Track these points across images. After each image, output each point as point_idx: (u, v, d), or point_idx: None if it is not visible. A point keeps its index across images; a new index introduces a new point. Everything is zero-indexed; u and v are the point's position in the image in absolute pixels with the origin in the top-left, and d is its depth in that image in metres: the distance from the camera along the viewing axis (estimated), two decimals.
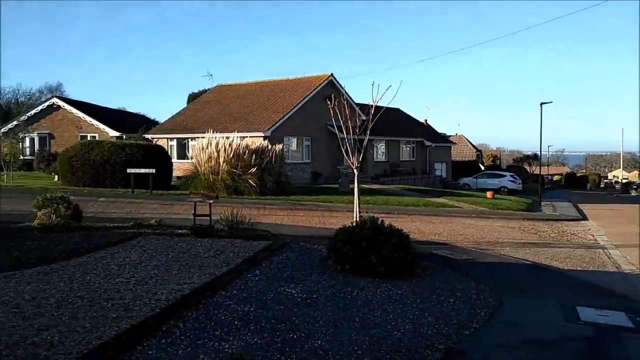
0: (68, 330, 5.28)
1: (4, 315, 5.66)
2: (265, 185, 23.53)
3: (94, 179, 23.95)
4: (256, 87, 37.86)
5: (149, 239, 10.81)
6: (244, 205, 19.00)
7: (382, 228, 8.81)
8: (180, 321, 5.82)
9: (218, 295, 6.93)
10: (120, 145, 25.10)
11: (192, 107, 39.28)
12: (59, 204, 12.17)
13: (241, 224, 11.85)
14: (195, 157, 25.01)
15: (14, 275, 7.48)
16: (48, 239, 10.39)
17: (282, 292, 7.31)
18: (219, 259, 9.01)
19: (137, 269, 8.13)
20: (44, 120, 40.16)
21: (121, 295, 6.64)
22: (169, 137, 34.16)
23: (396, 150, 41.75)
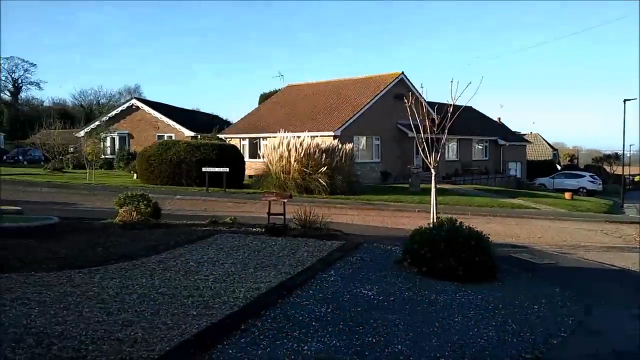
0: (150, 327, 5.40)
1: (89, 310, 5.86)
2: (335, 184, 23.55)
3: (171, 177, 24.75)
4: (326, 86, 37.96)
5: (225, 236, 10.99)
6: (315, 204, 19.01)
7: (461, 230, 8.55)
8: (259, 320, 5.84)
9: (294, 295, 6.93)
10: (196, 144, 25.79)
11: (264, 107, 39.89)
12: (140, 201, 12.61)
13: (314, 224, 11.85)
14: (266, 156, 25.37)
15: (98, 271, 7.76)
16: (129, 236, 10.76)
17: (358, 293, 7.22)
18: (294, 258, 9.03)
19: (215, 267, 8.27)
20: (123, 120, 41.87)
21: (200, 293, 6.76)
22: (241, 136, 34.83)
23: (468, 149, 40.76)
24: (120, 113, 42.34)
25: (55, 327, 5.20)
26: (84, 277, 7.34)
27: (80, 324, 5.37)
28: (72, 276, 7.38)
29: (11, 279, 7.07)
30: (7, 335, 4.89)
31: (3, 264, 7.87)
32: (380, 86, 33.73)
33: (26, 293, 6.38)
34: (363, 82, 35.87)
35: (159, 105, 43.39)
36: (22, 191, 21.95)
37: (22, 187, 22.78)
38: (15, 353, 4.49)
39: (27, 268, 7.77)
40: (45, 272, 7.59)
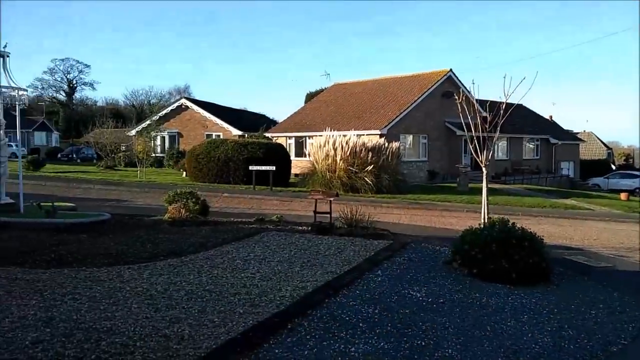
0: (197, 324, 5.40)
1: (138, 306, 5.91)
2: (382, 183, 23.32)
3: (219, 175, 25.04)
4: (372, 84, 37.71)
5: (271, 234, 10.99)
6: (360, 203, 18.87)
7: (514, 231, 8.26)
8: (305, 320, 5.76)
9: (341, 295, 6.82)
10: (243, 143, 26.02)
11: (310, 106, 39.93)
12: (188, 199, 12.75)
13: (360, 222, 11.73)
14: (312, 155, 25.36)
15: (147, 267, 7.86)
16: (178, 232, 10.89)
17: (406, 294, 7.05)
18: (340, 258, 8.93)
19: (261, 265, 8.25)
20: (173, 120, 42.70)
21: (247, 291, 6.73)
22: (287, 135, 34.96)
23: (518, 147, 39.74)
24: (170, 112, 43.20)
25: (104, 323, 5.25)
26: (133, 273, 7.43)
27: (128, 319, 5.42)
28: (122, 272, 7.48)
29: (63, 273, 7.22)
30: (57, 330, 4.96)
31: (56, 259, 8.06)
32: (427, 84, 33.26)
33: (77, 288, 6.50)
34: (410, 80, 35.45)
35: (208, 105, 44.07)
36: (77, 188, 22.62)
37: (76, 184, 23.46)
38: (65, 348, 4.55)
39: (79, 263, 7.94)
40: (96, 267, 7.73)
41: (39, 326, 5.03)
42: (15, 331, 4.86)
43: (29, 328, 4.96)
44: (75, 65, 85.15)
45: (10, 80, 11.09)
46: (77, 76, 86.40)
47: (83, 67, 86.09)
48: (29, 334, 4.81)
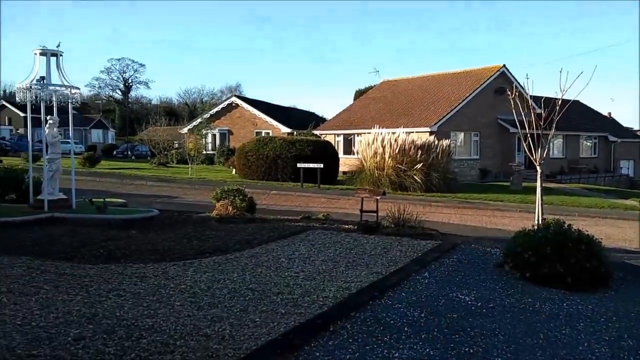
0: (239, 324, 5.32)
1: (181, 303, 5.88)
2: (431, 181, 22.91)
3: (267, 172, 25.18)
4: (422, 81, 37.14)
5: (317, 233, 10.88)
6: (409, 202, 18.56)
7: (570, 233, 7.84)
8: (348, 322, 5.59)
9: (386, 297, 6.62)
10: (291, 141, 26.07)
11: (358, 103, 39.70)
12: (235, 196, 12.80)
13: (408, 222, 11.47)
14: (360, 152, 25.17)
15: (192, 264, 7.87)
16: (224, 229, 10.91)
17: (454, 298, 6.78)
18: (386, 258, 8.72)
19: (305, 264, 8.14)
20: (224, 117, 43.27)
21: (290, 290, 6.62)
22: (335, 133, 34.85)
23: (575, 145, 38.37)
24: (221, 110, 43.80)
25: (146, 320, 5.24)
26: (178, 270, 7.45)
27: (170, 317, 5.39)
28: (167, 269, 7.51)
29: (110, 269, 7.30)
30: (100, 327, 4.97)
31: (104, 255, 8.18)
32: (479, 80, 32.50)
33: (122, 284, 6.54)
34: (461, 76, 34.72)
35: (257, 103, 44.45)
36: (130, 184, 23.20)
37: (130, 181, 24.07)
38: (106, 345, 4.54)
39: (127, 259, 8.03)
40: (143, 263, 7.79)
41: (82, 322, 5.06)
42: (59, 327, 4.89)
43: (72, 324, 4.99)
44: (131, 64, 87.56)
45: (64, 79, 11.36)
46: (133, 75, 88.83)
47: (138, 67, 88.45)
48: (71, 330, 4.84)
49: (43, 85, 11.11)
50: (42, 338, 4.61)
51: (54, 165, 11.44)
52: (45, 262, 7.45)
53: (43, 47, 11.19)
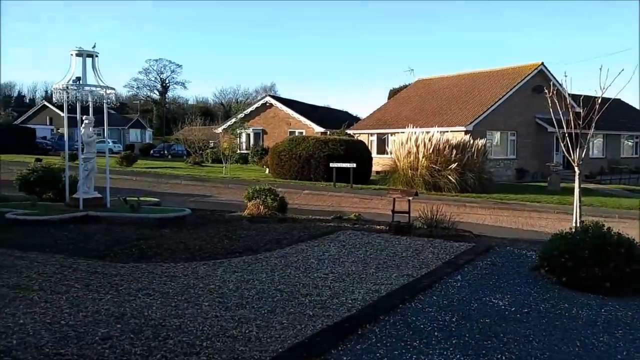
0: (266, 325, 5.26)
1: (209, 304, 5.86)
2: (466, 181, 22.53)
3: (300, 172, 25.18)
4: (457, 79, 36.61)
5: (347, 233, 10.77)
6: (443, 202, 18.28)
7: (609, 236, 7.55)
8: (377, 326, 5.48)
9: (417, 300, 6.48)
10: (324, 140, 26.02)
11: (392, 102, 39.41)
12: (267, 195, 12.79)
13: (441, 223, 11.26)
14: (394, 152, 24.93)
15: (222, 263, 7.86)
16: (255, 229, 10.91)
17: (487, 302, 6.59)
18: (418, 260, 8.56)
19: (335, 265, 8.05)
20: (258, 117, 43.50)
21: (319, 292, 6.54)
22: (369, 132, 34.65)
23: (616, 145, 37.27)
24: (255, 110, 44.04)
25: (173, 320, 5.23)
26: (208, 270, 7.45)
27: (198, 317, 5.37)
28: (197, 268, 7.52)
29: (140, 268, 7.35)
30: (127, 326, 4.98)
31: (136, 254, 8.25)
32: (516, 78, 31.85)
33: (152, 283, 6.57)
34: (497, 74, 34.10)
35: (291, 102, 44.56)
36: (165, 183, 23.49)
37: (165, 180, 24.38)
38: (133, 345, 4.54)
39: (158, 258, 8.08)
40: (173, 262, 7.83)
41: (110, 322, 5.08)
42: (87, 326, 4.92)
43: (100, 323, 5.02)
44: (168, 65, 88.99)
45: (99, 79, 11.53)
46: (170, 76, 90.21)
47: (175, 67, 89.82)
48: (99, 329, 4.86)
49: (79, 85, 11.30)
50: (70, 337, 4.64)
51: (89, 164, 11.63)
52: (78, 260, 7.55)
53: (79, 48, 11.38)
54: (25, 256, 7.55)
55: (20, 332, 4.65)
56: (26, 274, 6.58)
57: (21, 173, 13.39)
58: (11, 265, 6.98)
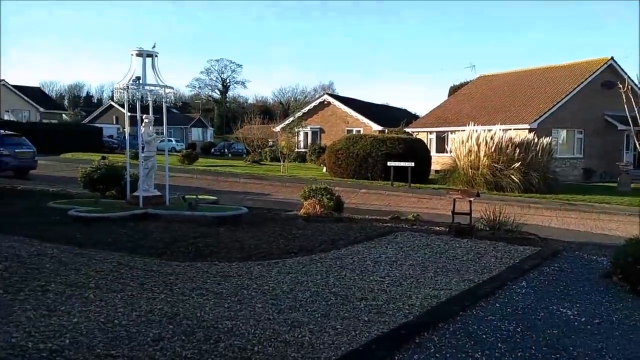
0: (319, 330, 5.09)
1: (262, 306, 5.74)
2: (530, 181, 21.69)
3: (357, 171, 24.95)
4: (521, 75, 35.40)
5: (405, 234, 10.48)
6: (505, 203, 17.65)
7: None
8: (435, 334, 5.21)
9: (478, 307, 6.15)
10: (382, 138, 25.68)
11: (453, 99, 38.55)
12: (323, 195, 12.65)
13: (504, 225, 10.80)
14: (454, 150, 24.33)
15: (276, 264, 7.76)
16: (311, 229, 10.78)
17: (555, 311, 6.18)
18: (479, 264, 8.18)
19: (392, 268, 7.80)
20: (316, 115, 43.54)
21: (374, 296, 6.32)
22: (428, 130, 34.01)
23: None
24: (313, 108, 44.10)
25: (225, 322, 5.14)
26: (262, 270, 7.36)
27: (250, 320, 5.26)
28: (252, 268, 7.44)
29: (195, 267, 7.34)
30: (180, 327, 4.92)
31: (192, 252, 8.26)
32: (584, 73, 30.45)
33: (206, 283, 6.53)
34: (563, 70, 32.72)
35: (349, 101, 44.35)
36: (224, 181, 23.76)
37: (224, 178, 24.65)
38: (183, 348, 4.46)
39: (213, 257, 8.06)
40: (228, 262, 7.78)
41: (163, 322, 5.03)
42: (139, 326, 4.89)
43: (153, 324, 4.98)
44: (229, 65, 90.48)
45: (159, 79, 11.68)
46: (230, 75, 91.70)
47: (235, 67, 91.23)
48: (152, 330, 4.82)
49: (139, 85, 11.48)
50: (122, 337, 4.61)
51: (149, 162, 11.81)
52: (135, 258, 7.62)
53: (139, 48, 11.56)
54: (84, 253, 7.67)
55: (73, 331, 4.66)
56: (84, 271, 6.66)
57: (85, 171, 13.77)
58: (70, 262, 7.10)
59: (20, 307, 5.23)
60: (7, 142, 19.68)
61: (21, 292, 5.70)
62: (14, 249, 7.57)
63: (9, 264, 6.76)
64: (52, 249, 7.75)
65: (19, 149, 19.93)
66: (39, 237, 8.59)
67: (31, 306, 5.27)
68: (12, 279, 6.16)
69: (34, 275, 6.33)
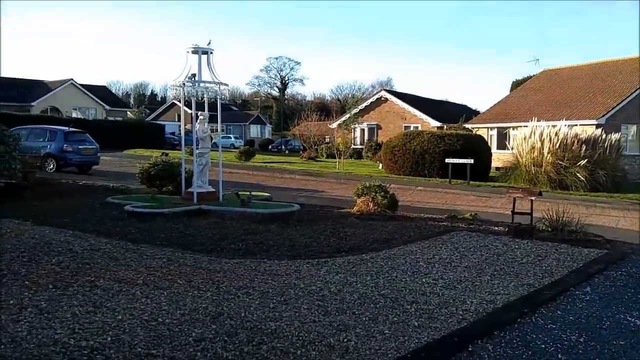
0: (366, 334, 4.88)
1: (308, 307, 5.57)
2: (597, 180, 20.67)
3: (414, 168, 24.50)
4: (588, 69, 33.84)
5: (461, 234, 10.09)
6: (570, 202, 16.87)
7: None
8: (490, 342, 4.90)
9: (537, 314, 5.77)
10: (440, 135, 25.09)
11: (515, 94, 37.30)
12: (377, 192, 12.38)
13: (567, 226, 10.24)
14: (516, 147, 23.48)
15: (326, 263, 7.58)
16: (364, 227, 10.56)
17: (622, 320, 5.73)
18: (540, 268, 7.74)
19: (446, 270, 7.48)
20: (372, 112, 43.18)
21: (426, 300, 6.04)
22: (489, 126, 33.04)
23: None
24: (370, 105, 43.74)
25: (269, 324, 5.00)
26: (311, 269, 7.20)
27: (295, 322, 5.10)
28: (300, 267, 7.30)
29: (244, 264, 7.26)
30: (223, 327, 4.82)
31: (242, 249, 8.21)
32: None
33: (253, 282, 6.42)
34: (634, 63, 31.02)
35: (406, 96, 43.74)
36: (279, 178, 23.82)
37: (279, 174, 24.71)
38: (225, 349, 4.35)
39: (263, 254, 7.98)
40: (277, 260, 7.67)
41: (206, 322, 4.95)
42: (182, 325, 4.82)
43: (196, 323, 4.90)
44: (287, 62, 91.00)
45: (214, 76, 11.72)
46: (289, 73, 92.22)
47: (294, 64, 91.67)
48: (194, 329, 4.73)
49: (194, 82, 11.56)
50: (164, 336, 4.55)
51: (203, 159, 11.88)
52: (186, 254, 7.62)
53: (195, 45, 11.63)
54: (136, 248, 7.74)
55: (116, 329, 4.63)
56: (134, 267, 6.69)
57: (142, 167, 14.01)
58: (121, 257, 7.16)
59: (67, 302, 5.27)
60: (70, 139, 20.35)
61: (70, 287, 5.76)
62: (69, 243, 7.71)
63: (62, 258, 6.88)
64: (105, 244, 7.86)
65: (82, 146, 20.57)
66: (95, 232, 8.75)
67: (78, 302, 5.30)
68: (64, 273, 6.25)
69: (84, 271, 6.41)
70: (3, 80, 51.27)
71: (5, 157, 11.96)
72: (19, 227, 8.67)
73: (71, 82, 52.92)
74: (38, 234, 8.11)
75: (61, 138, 20.13)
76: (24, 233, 8.12)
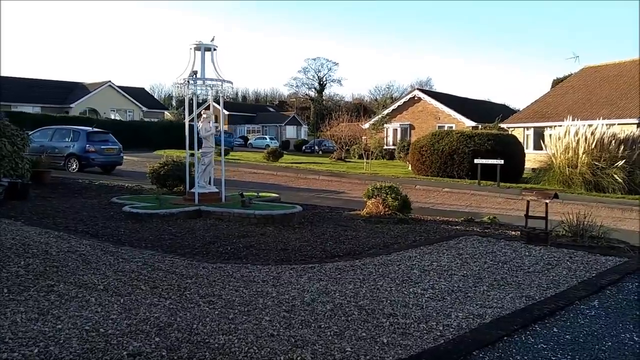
0: (323, 352, 4.36)
1: (270, 319, 5.08)
2: (635, 182, 19.48)
3: (442, 168, 23.77)
4: (631, 65, 32.21)
5: (471, 239, 9.42)
6: (604, 205, 15.94)
7: None
8: None
9: (529, 331, 5.12)
10: (469, 134, 24.26)
11: (553, 93, 35.89)
12: (388, 194, 11.81)
13: (589, 231, 9.45)
14: (549, 147, 22.44)
15: (312, 269, 7.08)
16: (369, 230, 10.05)
17: (626, 341, 5.01)
18: (546, 277, 7.05)
19: (440, 278, 6.87)
20: (405, 112, 42.38)
21: (406, 312, 5.47)
22: (525, 126, 31.88)
23: None
24: (403, 104, 42.96)
25: (219, 337, 4.54)
26: (292, 276, 6.71)
27: (249, 335, 4.63)
28: (282, 273, 6.82)
29: (223, 270, 6.83)
30: (166, 341, 4.37)
31: (229, 252, 7.81)
32: None
33: (224, 289, 5.98)
34: None
35: (440, 96, 42.79)
36: (303, 178, 23.42)
37: (304, 175, 24.32)
38: None
39: (249, 258, 7.60)
40: (261, 265, 7.23)
41: (151, 334, 4.51)
42: (123, 337, 4.39)
43: (139, 335, 4.47)
44: (325, 63, 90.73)
45: (218, 73, 11.38)
46: (327, 74, 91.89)
47: (332, 65, 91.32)
48: (134, 342, 4.30)
49: (195, 79, 11.23)
50: (98, 349, 4.13)
51: (206, 158, 11.54)
52: (165, 258, 7.25)
53: (198, 42, 11.30)
54: (115, 251, 7.42)
55: (50, 340, 4.25)
56: (102, 271, 6.35)
57: (152, 167, 13.82)
58: (95, 260, 6.84)
59: (14, 308, 4.93)
60: (93, 139, 20.40)
61: (26, 291, 5.44)
62: (47, 245, 7.44)
63: (32, 260, 6.59)
64: (85, 246, 7.57)
65: (105, 146, 20.61)
66: (82, 233, 8.52)
67: (25, 308, 4.96)
68: (26, 277, 5.94)
69: (49, 274, 6.09)
70: (45, 83, 52.66)
71: (13, 156, 11.88)
72: (7, 227, 8.49)
73: (109, 84, 53.92)
74: (20, 235, 7.87)
75: (84, 138, 20.20)
76: (7, 234, 7.90)
